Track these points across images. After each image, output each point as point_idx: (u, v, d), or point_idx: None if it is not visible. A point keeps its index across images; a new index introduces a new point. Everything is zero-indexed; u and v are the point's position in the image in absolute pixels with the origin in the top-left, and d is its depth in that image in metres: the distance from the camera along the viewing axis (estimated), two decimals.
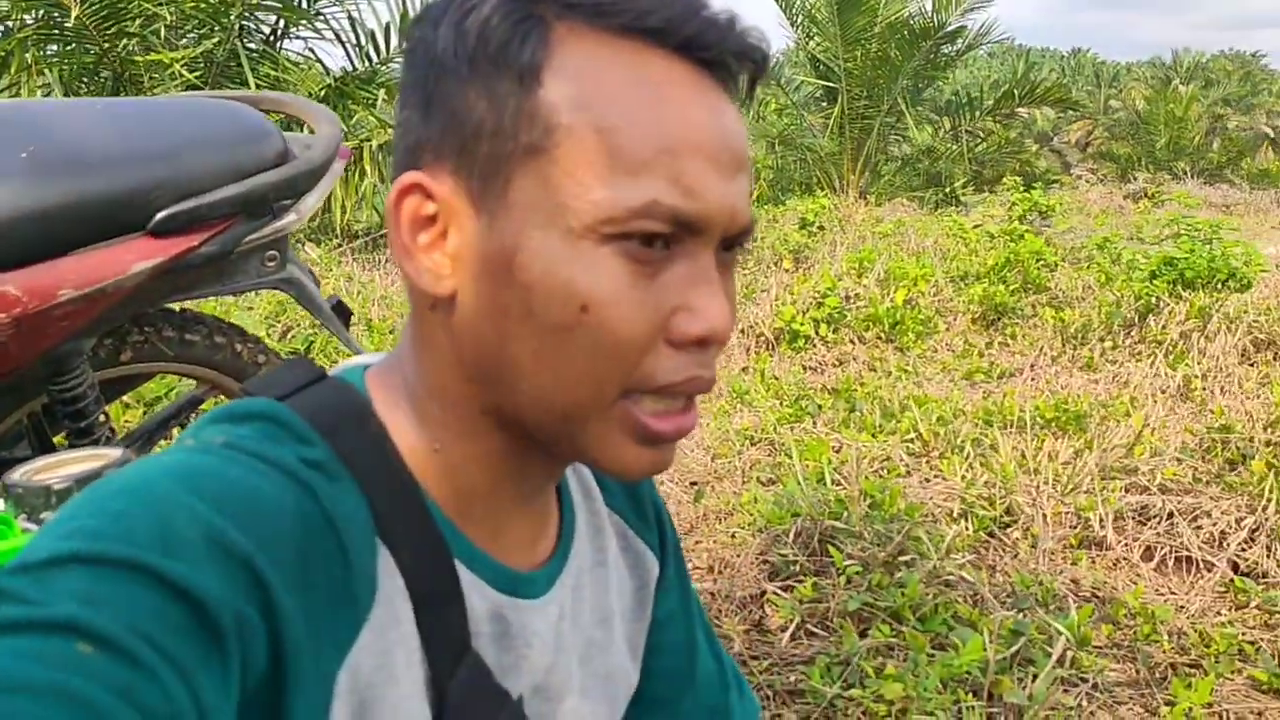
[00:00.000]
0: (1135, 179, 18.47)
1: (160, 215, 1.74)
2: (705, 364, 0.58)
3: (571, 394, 0.56)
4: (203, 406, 2.87)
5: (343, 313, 2.24)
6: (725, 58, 0.57)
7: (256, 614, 0.47)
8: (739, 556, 2.61)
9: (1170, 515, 2.74)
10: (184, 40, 7.32)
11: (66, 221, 1.68)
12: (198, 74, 6.84)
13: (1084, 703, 2.04)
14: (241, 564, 0.47)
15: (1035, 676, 2.06)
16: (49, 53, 6.71)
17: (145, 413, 3.29)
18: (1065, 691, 2.06)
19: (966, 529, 2.67)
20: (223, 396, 2.34)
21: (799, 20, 13.01)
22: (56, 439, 2.06)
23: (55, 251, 1.68)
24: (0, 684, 0.39)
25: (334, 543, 0.53)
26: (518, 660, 0.64)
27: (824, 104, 13.84)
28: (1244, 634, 2.31)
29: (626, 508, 0.79)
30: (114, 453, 1.12)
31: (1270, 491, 2.74)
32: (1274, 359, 4.31)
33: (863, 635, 2.20)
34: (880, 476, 3.00)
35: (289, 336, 4.49)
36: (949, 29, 12.55)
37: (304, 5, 7.54)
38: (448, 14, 0.57)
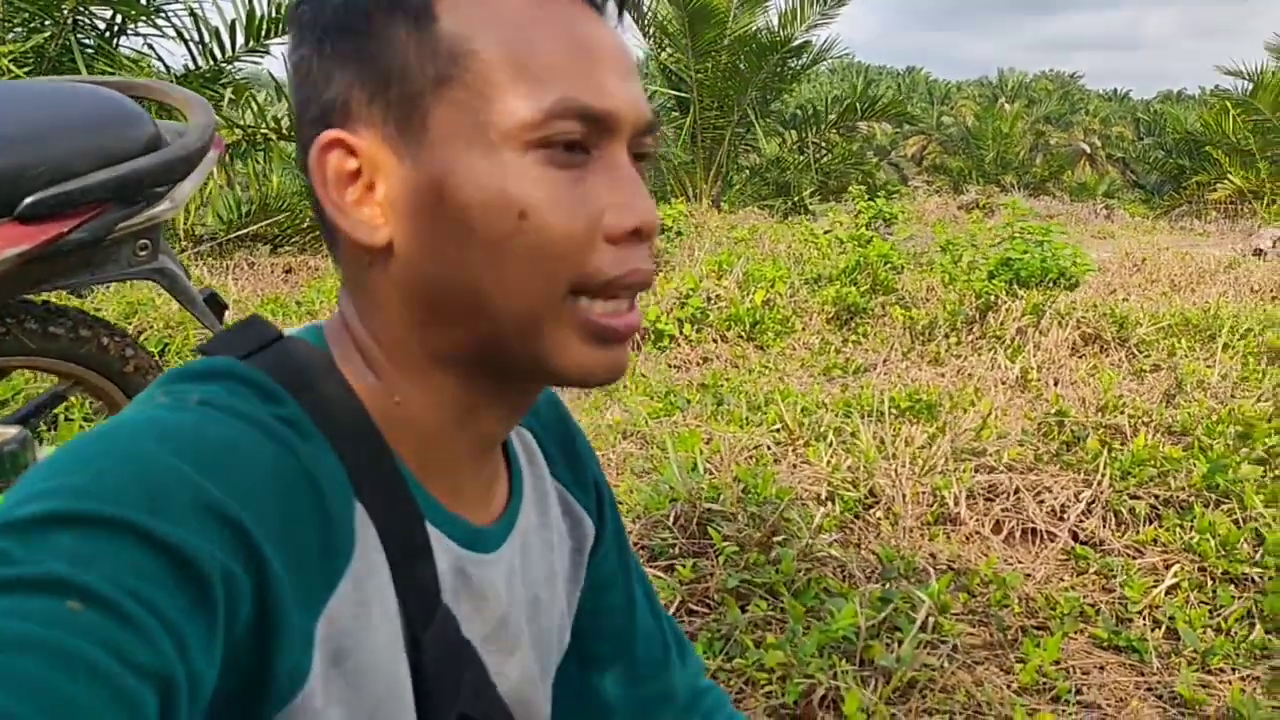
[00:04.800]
0: (967, 190, 19.47)
1: (28, 200, 1.68)
2: (644, 257, 0.61)
3: (522, 300, 0.58)
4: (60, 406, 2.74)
5: (216, 305, 2.19)
6: None
7: (241, 569, 0.48)
8: None
9: (1016, 491, 2.93)
10: (11, 34, 6.92)
11: None
12: (27, 69, 6.47)
13: (946, 664, 2.18)
14: (225, 520, 0.48)
15: (901, 642, 2.19)
16: None
17: None
18: (929, 654, 2.19)
19: (834, 510, 2.80)
20: (86, 393, 2.25)
21: (651, 31, 13.25)
22: None
23: None
24: None
25: (313, 497, 0.54)
26: (474, 612, 0.67)
27: (676, 114, 14.12)
28: (1085, 597, 2.50)
29: (568, 477, 0.81)
30: (10, 430, 1.09)
31: (1104, 468, 2.97)
32: (1100, 351, 4.66)
33: (742, 610, 2.28)
34: (751, 464, 3.11)
35: (141, 337, 4.30)
36: (795, 44, 13.02)
37: (143, 2, 7.24)
38: None
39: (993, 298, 5.13)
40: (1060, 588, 2.55)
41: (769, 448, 3.30)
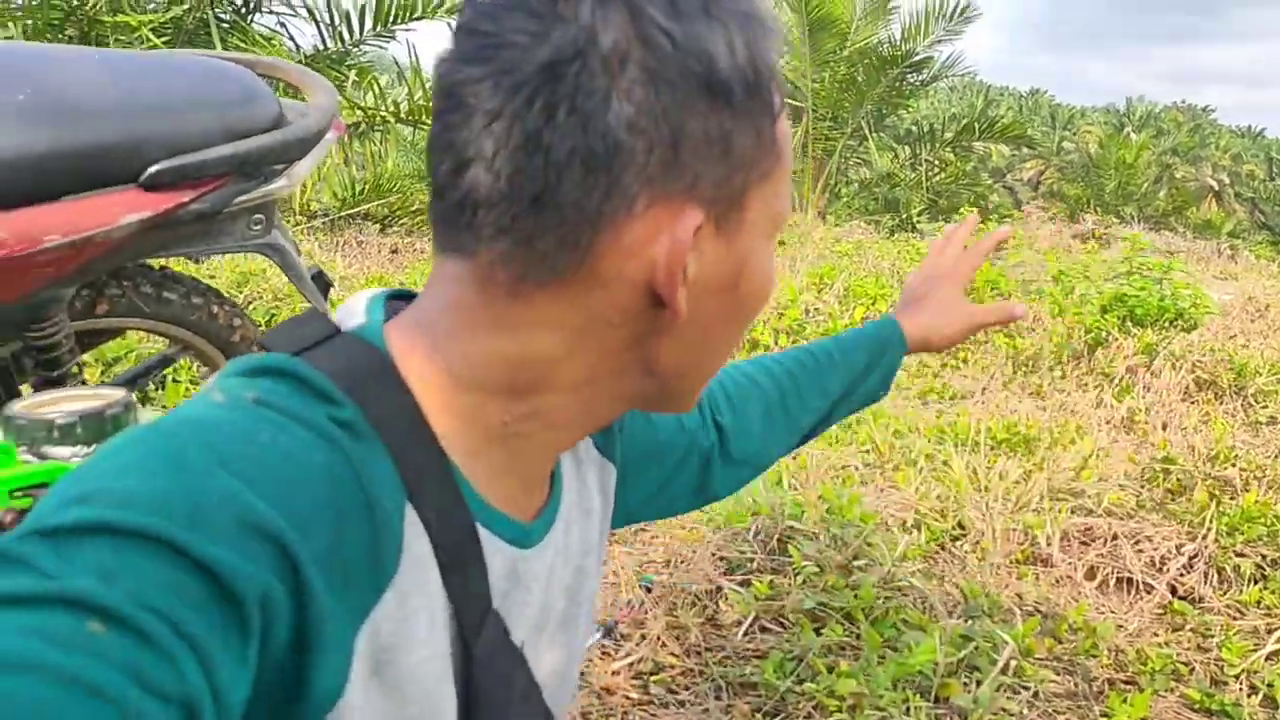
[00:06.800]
0: (1084, 220, 18.88)
1: (152, 169, 1.72)
2: None
3: (722, 363, 0.67)
4: (170, 368, 2.84)
5: (322, 283, 2.24)
6: None
7: (280, 587, 0.47)
8: (695, 552, 2.64)
9: (1114, 538, 2.82)
10: (152, 4, 7.20)
11: (57, 168, 1.66)
12: (165, 40, 6.72)
13: (1025, 710, 2.10)
14: (268, 537, 0.46)
15: (980, 682, 2.12)
16: (14, 5, 6.56)
17: (104, 371, 3.24)
18: (1008, 698, 2.12)
19: (919, 539, 2.73)
20: (195, 358, 2.32)
21: None
22: (23, 387, 2.02)
23: (44, 197, 1.66)
24: (4, 662, 0.37)
25: (363, 505, 0.53)
26: (521, 608, 0.66)
27: (790, 123, 14.00)
28: (1179, 655, 2.39)
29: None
30: (116, 393, 1.11)
31: (1210, 521, 2.84)
32: (1215, 398, 4.46)
33: (817, 633, 2.24)
34: (837, 483, 3.05)
35: (249, 308, 4.44)
36: (916, 58, 12.78)
37: None
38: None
39: (1104, 333, 4.95)
40: (1153, 642, 2.44)
41: (857, 469, 3.24)
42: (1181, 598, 2.64)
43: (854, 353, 1.05)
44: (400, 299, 0.66)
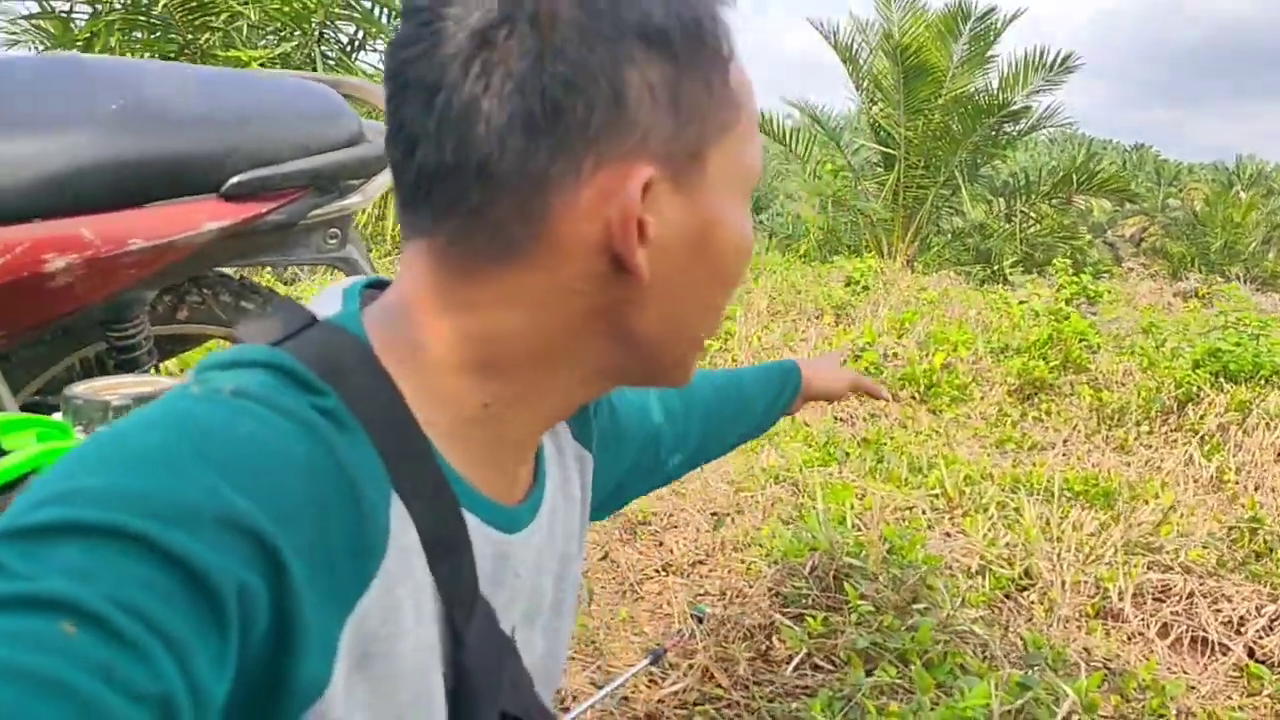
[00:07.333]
0: (1187, 278, 18.30)
1: (233, 179, 1.80)
2: None
3: (708, 330, 0.64)
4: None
5: None
6: None
7: (260, 581, 0.46)
8: (751, 586, 2.61)
9: (1190, 595, 2.71)
10: (263, 41, 7.54)
11: (145, 174, 1.74)
12: None
13: None
14: (246, 532, 0.46)
15: None
16: (134, 39, 6.93)
17: None
18: None
19: (983, 585, 2.66)
20: None
21: (865, 85, 13.13)
22: None
23: (130, 202, 1.74)
24: None
25: (346, 494, 0.52)
26: (510, 594, 0.66)
27: (880, 170, 13.91)
28: (1253, 719, 2.28)
29: (573, 419, 0.80)
30: (169, 381, 1.16)
31: None
32: None
33: (868, 674, 2.19)
34: (902, 525, 3.00)
35: None
36: (1013, 107, 12.59)
37: (384, 20, 7.75)
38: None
39: (1195, 389, 4.77)
40: (1227, 705, 2.32)
41: (923, 512, 3.18)
42: (1260, 661, 2.51)
43: (764, 384, 1.19)
44: (376, 287, 0.66)
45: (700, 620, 2.42)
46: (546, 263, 0.57)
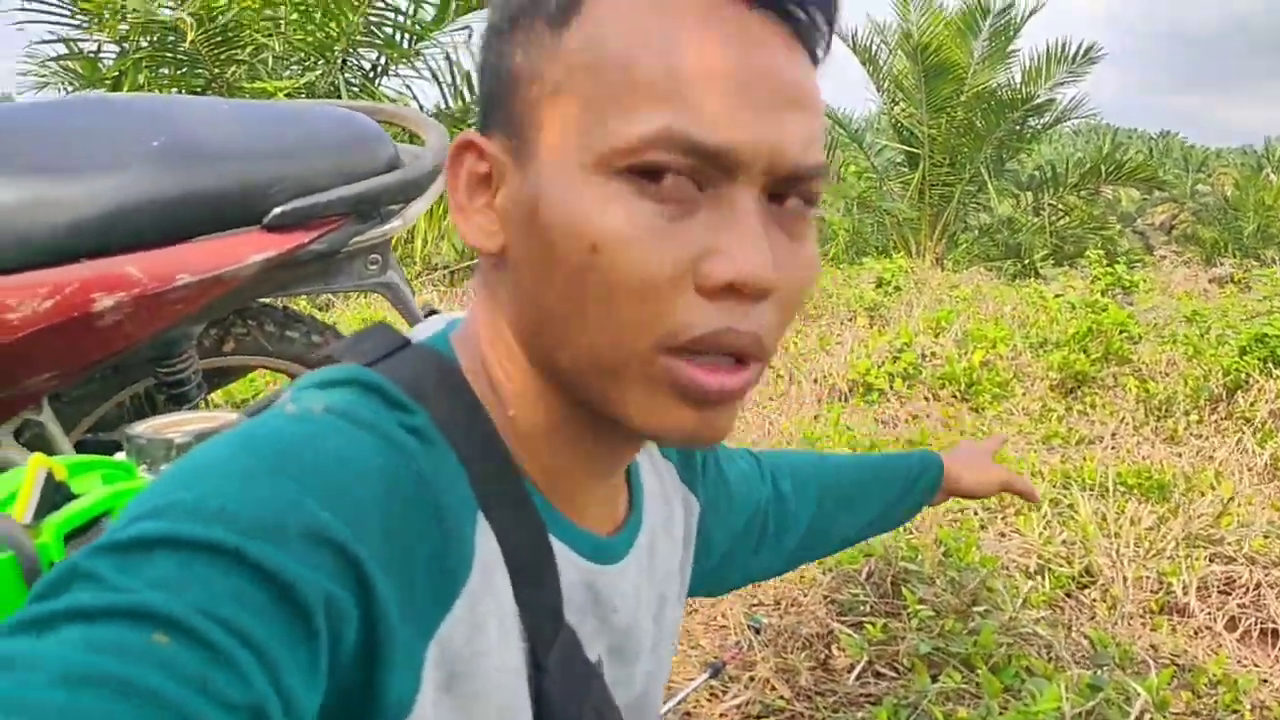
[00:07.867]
0: (1221, 263, 18.04)
1: (276, 210, 1.80)
2: (742, 317, 0.53)
3: (601, 342, 0.53)
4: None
5: None
6: None
7: (347, 594, 0.46)
8: (806, 595, 2.58)
9: (1257, 587, 2.65)
10: (288, 71, 7.62)
11: (188, 210, 1.75)
12: None
13: None
14: (332, 545, 0.46)
15: None
16: (161, 75, 7.02)
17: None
18: None
19: (1043, 585, 2.61)
20: None
21: (885, 85, 13.08)
22: None
23: (175, 238, 1.75)
24: (70, 676, 0.37)
25: (431, 511, 0.52)
26: (600, 625, 0.65)
27: (905, 169, 13.83)
28: None
29: (676, 456, 0.80)
30: (231, 416, 1.16)
31: None
32: None
33: (933, 680, 2.16)
34: (955, 527, 2.95)
35: None
36: (1037, 101, 12.50)
37: (405, 45, 7.81)
38: None
39: (1243, 375, 4.69)
40: None
41: (975, 513, 3.13)
42: None
43: (891, 473, 1.10)
44: None
45: (757, 631, 2.39)
46: (479, 265, 0.64)
